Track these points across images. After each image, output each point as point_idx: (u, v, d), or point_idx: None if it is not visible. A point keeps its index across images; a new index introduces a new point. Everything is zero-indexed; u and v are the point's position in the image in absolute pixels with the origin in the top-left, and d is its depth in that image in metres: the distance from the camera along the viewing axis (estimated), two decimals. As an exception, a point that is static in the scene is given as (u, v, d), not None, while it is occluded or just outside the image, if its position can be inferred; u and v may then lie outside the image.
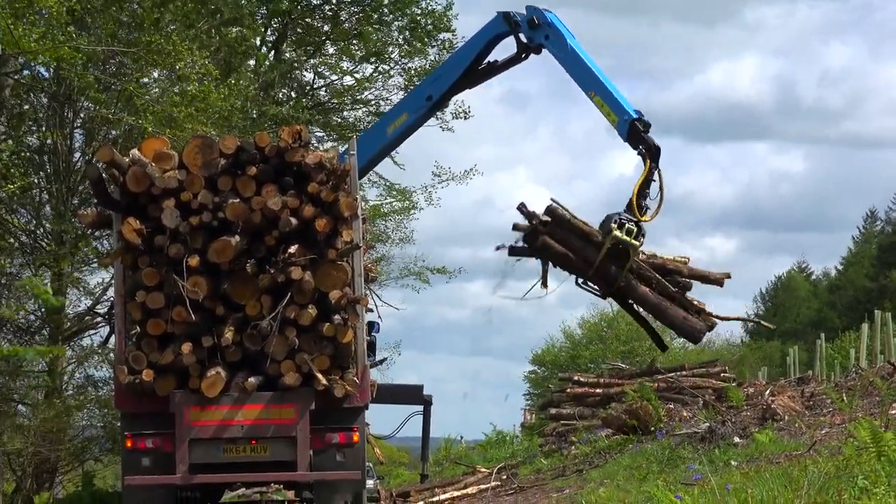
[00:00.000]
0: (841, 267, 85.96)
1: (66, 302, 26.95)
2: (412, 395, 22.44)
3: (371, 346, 15.85)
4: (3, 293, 26.61)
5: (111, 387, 23.12)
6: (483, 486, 19.77)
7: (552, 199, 17.49)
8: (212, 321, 13.82)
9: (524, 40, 18.59)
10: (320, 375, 13.78)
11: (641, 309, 18.19)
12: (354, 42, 33.96)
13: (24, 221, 27.49)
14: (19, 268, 27.37)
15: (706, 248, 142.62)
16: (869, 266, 78.82)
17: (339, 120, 35.54)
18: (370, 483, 23.30)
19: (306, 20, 34.86)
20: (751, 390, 20.92)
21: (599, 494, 13.31)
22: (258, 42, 32.86)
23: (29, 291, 24.92)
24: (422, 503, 19.52)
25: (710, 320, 17.86)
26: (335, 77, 35.38)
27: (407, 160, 35.84)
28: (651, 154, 16.97)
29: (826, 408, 16.93)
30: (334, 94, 35.44)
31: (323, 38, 34.77)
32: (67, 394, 28.02)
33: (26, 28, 21.59)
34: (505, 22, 18.60)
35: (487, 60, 19.26)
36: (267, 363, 13.82)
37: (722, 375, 25.99)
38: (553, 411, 27.10)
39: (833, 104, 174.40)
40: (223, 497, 16.60)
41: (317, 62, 34.99)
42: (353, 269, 14.13)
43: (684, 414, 20.60)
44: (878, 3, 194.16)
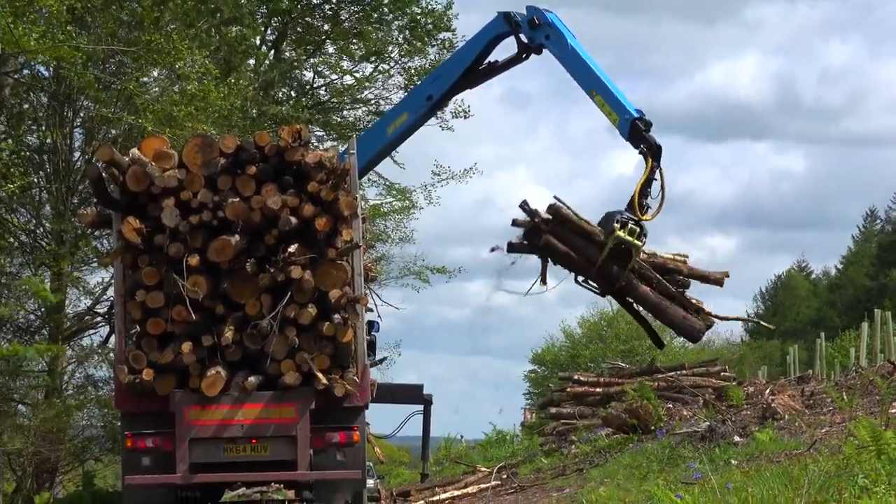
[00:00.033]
0: (841, 266, 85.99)
1: (67, 302, 26.97)
2: (412, 395, 22.41)
3: (371, 346, 15.85)
4: (3, 293, 26.57)
5: (111, 386, 23.15)
6: (483, 486, 19.74)
7: (555, 198, 17.38)
8: (212, 320, 13.81)
9: (525, 40, 18.57)
10: (320, 375, 13.78)
11: (641, 308, 18.18)
12: (354, 41, 33.96)
13: (24, 221, 27.47)
14: (19, 267, 27.36)
15: (706, 247, 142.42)
16: (869, 265, 78.82)
17: (339, 119, 35.57)
18: (370, 482, 23.27)
19: (306, 19, 34.86)
20: (751, 389, 20.89)
21: (600, 493, 13.30)
22: (258, 41, 32.85)
23: (28, 291, 24.90)
24: (422, 502, 19.49)
25: (709, 319, 17.85)
26: (335, 76, 35.44)
27: (407, 159, 35.89)
28: (652, 153, 16.95)
29: (826, 407, 16.91)
30: (334, 94, 35.44)
31: (323, 38, 34.76)
32: (67, 394, 28.00)
33: (26, 27, 21.59)
34: (505, 22, 18.57)
35: (488, 60, 19.24)
36: (267, 362, 13.81)
37: (722, 374, 25.97)
38: (553, 410, 27.08)
39: (833, 103, 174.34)
40: (223, 496, 16.57)
41: (317, 61, 35.00)
42: (353, 269, 14.13)
43: (684, 413, 20.59)
44: (878, 2, 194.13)
